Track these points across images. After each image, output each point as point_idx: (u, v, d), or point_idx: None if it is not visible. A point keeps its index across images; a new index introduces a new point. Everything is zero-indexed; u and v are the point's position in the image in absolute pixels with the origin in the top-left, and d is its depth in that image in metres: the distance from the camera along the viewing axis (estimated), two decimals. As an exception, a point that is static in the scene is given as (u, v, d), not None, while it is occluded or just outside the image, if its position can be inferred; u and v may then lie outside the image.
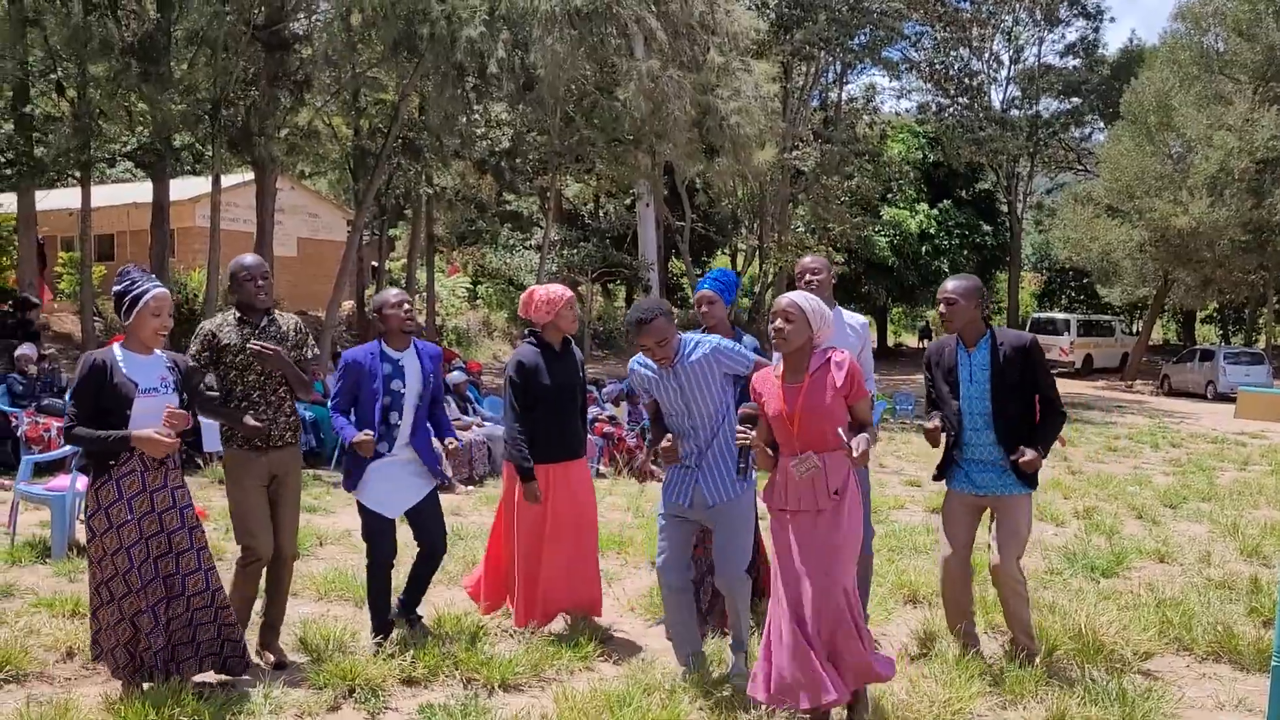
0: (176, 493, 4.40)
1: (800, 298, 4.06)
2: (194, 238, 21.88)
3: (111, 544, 4.20)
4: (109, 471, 4.22)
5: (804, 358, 4.03)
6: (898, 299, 40.12)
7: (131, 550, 4.21)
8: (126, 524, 4.21)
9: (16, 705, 4.11)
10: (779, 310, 4.04)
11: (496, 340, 25.98)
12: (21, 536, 7.12)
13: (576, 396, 5.36)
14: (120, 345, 4.37)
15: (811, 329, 4.01)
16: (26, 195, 14.93)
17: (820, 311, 4.04)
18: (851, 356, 4.05)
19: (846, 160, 27.93)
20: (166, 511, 4.34)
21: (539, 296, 5.29)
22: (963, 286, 4.75)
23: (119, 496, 4.22)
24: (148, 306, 4.27)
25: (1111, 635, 5.16)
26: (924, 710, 4.18)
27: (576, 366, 5.38)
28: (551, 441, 5.25)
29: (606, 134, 20.92)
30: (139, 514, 4.24)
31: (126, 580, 4.21)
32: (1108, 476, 11.99)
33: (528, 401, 5.22)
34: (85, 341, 15.72)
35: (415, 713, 4.29)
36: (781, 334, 4.01)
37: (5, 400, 10.27)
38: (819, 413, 3.92)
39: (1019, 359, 4.69)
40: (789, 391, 4.00)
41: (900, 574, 6.66)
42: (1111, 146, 29.84)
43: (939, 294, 4.84)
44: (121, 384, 4.20)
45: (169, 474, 4.38)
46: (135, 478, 4.25)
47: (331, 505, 9.02)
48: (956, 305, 4.73)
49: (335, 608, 5.85)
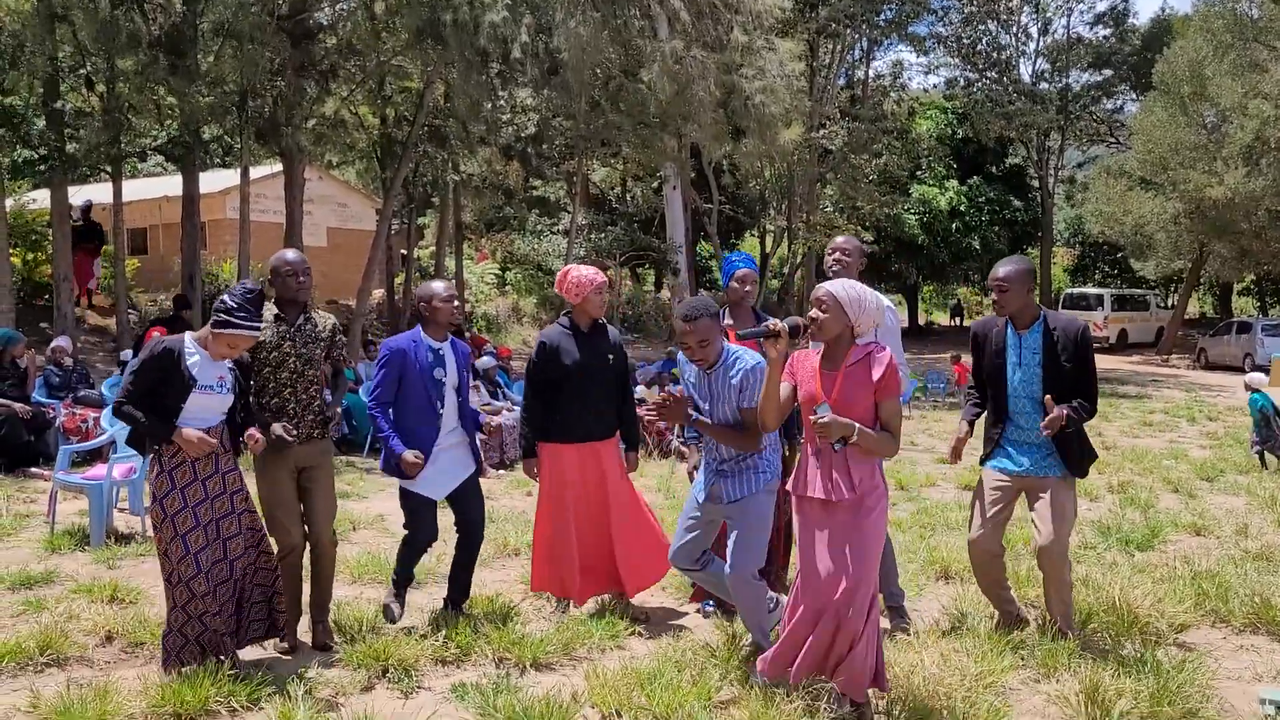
0: (228, 477, 4.51)
1: (838, 287, 3.98)
2: (225, 230, 22.01)
3: (168, 533, 4.30)
4: (160, 463, 4.30)
5: (842, 347, 3.98)
6: (928, 277, 39.83)
7: (187, 538, 4.31)
8: (180, 513, 4.31)
9: (57, 688, 4.19)
10: (815, 299, 4.01)
11: (526, 326, 26.03)
12: (61, 525, 7.24)
13: (606, 378, 5.35)
14: (193, 338, 4.44)
15: (849, 318, 3.94)
16: (59, 190, 15.09)
17: (860, 301, 3.94)
18: (894, 355, 3.97)
19: (874, 138, 27.68)
20: (218, 498, 4.45)
21: (571, 278, 5.32)
22: (1014, 271, 4.69)
23: (172, 487, 4.33)
24: (225, 338, 4.35)
25: (1146, 608, 5.12)
26: (955, 684, 4.17)
27: (608, 349, 5.37)
28: (578, 421, 5.28)
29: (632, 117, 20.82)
30: (192, 502, 4.34)
31: (179, 569, 4.31)
32: (1143, 450, 11.87)
33: (549, 380, 5.24)
34: (120, 335, 15.90)
35: (448, 692, 4.33)
36: (816, 323, 3.98)
37: (43, 392, 10.42)
38: (850, 405, 3.88)
39: (1072, 346, 4.63)
40: (825, 378, 3.97)
41: (932, 550, 6.64)
42: (1144, 118, 29.37)
43: (990, 280, 4.79)
44: (184, 375, 4.31)
45: (219, 459, 4.48)
46: (187, 467, 4.36)
47: (365, 491, 9.10)
48: (1009, 292, 4.70)
49: (369, 590, 5.91)
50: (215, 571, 4.41)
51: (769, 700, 3.90)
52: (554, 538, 5.41)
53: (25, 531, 7.30)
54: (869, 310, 3.96)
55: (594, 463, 5.35)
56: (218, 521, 4.44)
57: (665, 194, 26.29)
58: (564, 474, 5.32)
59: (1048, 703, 4.21)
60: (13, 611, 5.37)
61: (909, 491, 9.34)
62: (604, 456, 5.39)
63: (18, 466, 9.42)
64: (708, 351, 4.50)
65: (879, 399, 3.91)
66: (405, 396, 5.01)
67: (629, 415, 5.51)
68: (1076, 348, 4.63)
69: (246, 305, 4.35)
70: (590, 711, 4.09)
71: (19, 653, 4.61)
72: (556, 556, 5.43)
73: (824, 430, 3.81)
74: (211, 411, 4.41)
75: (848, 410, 3.88)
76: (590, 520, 5.36)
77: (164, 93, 15.21)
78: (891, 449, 3.94)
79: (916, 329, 40.36)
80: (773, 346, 3.98)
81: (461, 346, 5.25)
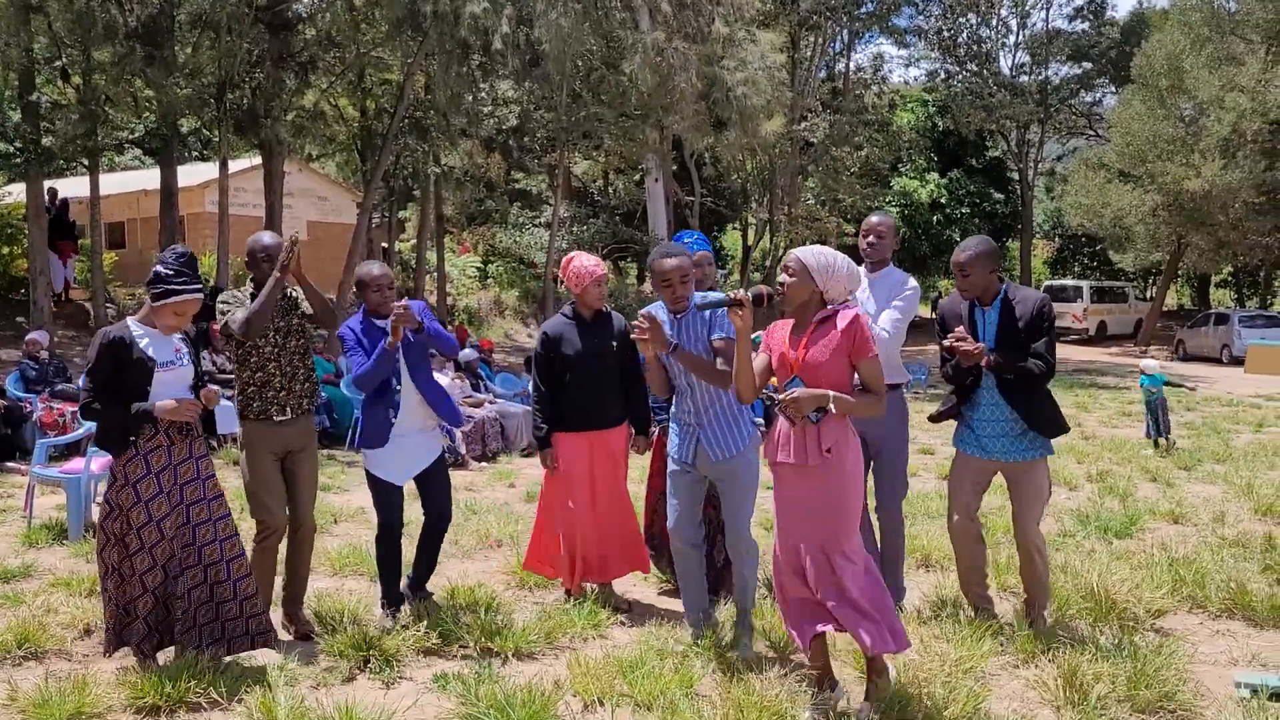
0: (200, 463, 4.45)
1: (806, 252, 3.95)
2: (204, 223, 21.87)
3: (139, 518, 4.24)
4: (135, 446, 4.25)
5: (809, 311, 3.96)
6: (910, 269, 39.83)
7: (163, 524, 4.26)
8: (156, 498, 4.26)
9: (36, 681, 4.16)
10: (783, 265, 4.00)
11: (508, 319, 25.96)
12: (38, 519, 7.19)
13: (610, 366, 5.32)
14: (136, 320, 4.38)
15: (816, 283, 3.92)
16: (35, 184, 14.95)
17: (830, 267, 3.90)
18: (861, 313, 3.92)
19: (855, 130, 27.76)
20: (190, 483, 4.39)
21: (572, 267, 5.31)
22: (974, 255, 4.68)
23: (147, 471, 4.26)
24: (170, 306, 4.30)
25: (1124, 594, 5.16)
26: (935, 669, 4.19)
27: (611, 335, 5.35)
28: (588, 409, 5.29)
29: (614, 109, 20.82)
30: (165, 487, 4.29)
31: (153, 553, 4.25)
32: (1121, 440, 11.95)
33: (554, 371, 5.27)
34: (98, 327, 15.79)
35: (430, 682, 4.33)
36: (782, 287, 3.97)
37: (19, 386, 10.34)
38: (819, 369, 3.85)
39: (1029, 316, 4.64)
40: (794, 344, 3.95)
41: (913, 539, 6.65)
42: (1122, 110, 29.52)
43: (953, 264, 4.80)
44: (140, 359, 4.24)
45: (193, 444, 4.43)
46: (162, 452, 4.30)
47: (346, 484, 9.07)
48: (971, 275, 4.70)
49: (350, 582, 5.89)
50: (181, 558, 4.33)
51: (749, 689, 3.91)
52: (554, 524, 5.42)
53: (2, 527, 7.25)
54: (839, 275, 3.93)
55: (601, 451, 5.35)
56: (189, 507, 4.36)
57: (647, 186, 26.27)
58: (570, 462, 5.31)
59: (1026, 687, 4.24)
60: (-10, 605, 5.33)
61: (890, 481, 9.35)
62: (611, 445, 5.40)
63: (-5, 461, 9.35)
64: (688, 288, 4.52)
65: (854, 360, 3.86)
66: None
67: (639, 399, 5.49)
68: (1033, 319, 4.63)
69: (183, 269, 4.31)
70: (572, 700, 4.10)
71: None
72: (553, 541, 5.44)
73: (794, 405, 3.80)
74: (178, 387, 4.34)
75: (816, 373, 3.85)
76: (594, 508, 5.36)
77: (141, 84, 15.10)
78: (877, 409, 3.90)
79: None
80: (736, 316, 3.91)
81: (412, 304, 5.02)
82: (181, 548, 4.34)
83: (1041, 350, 4.61)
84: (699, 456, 4.58)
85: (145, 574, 4.26)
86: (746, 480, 4.57)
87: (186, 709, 4.01)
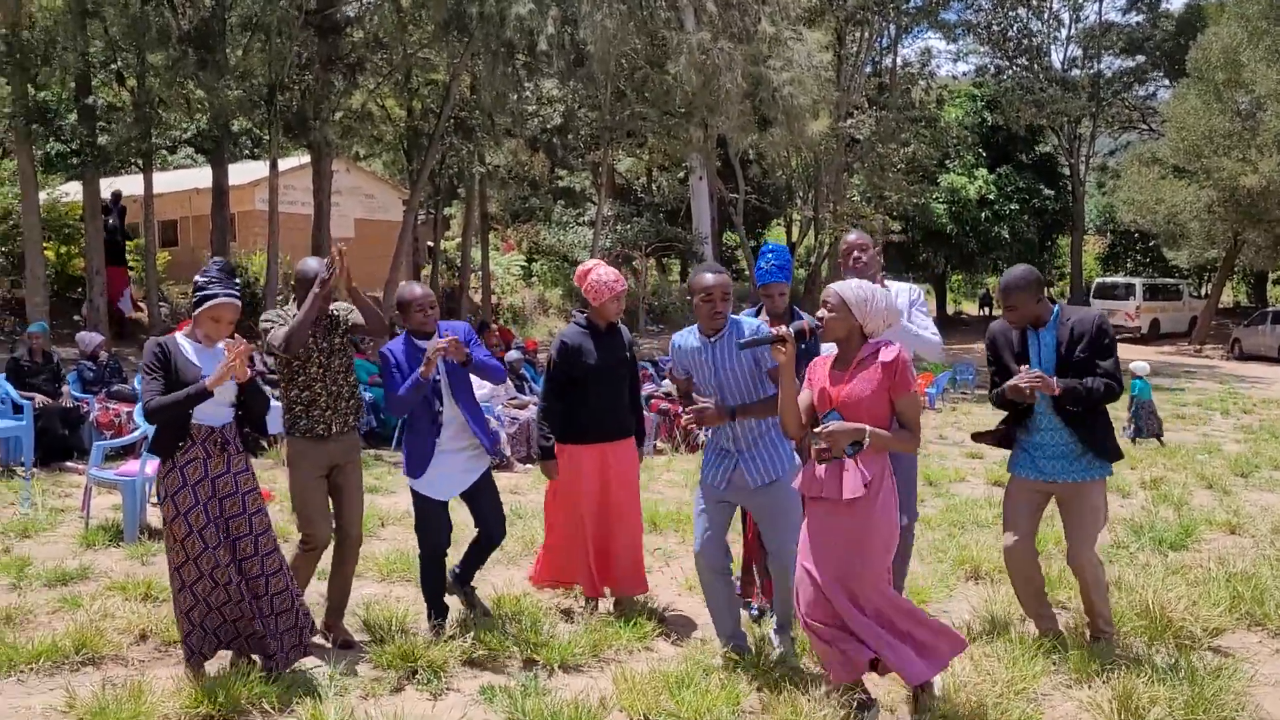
0: (239, 477, 4.48)
1: (845, 287, 3.96)
2: (254, 221, 22.18)
3: (180, 530, 4.30)
4: (173, 460, 4.31)
5: (852, 348, 3.96)
6: (957, 266, 39.54)
7: (204, 533, 4.32)
8: (193, 509, 4.31)
9: (93, 688, 4.24)
10: (823, 300, 3.99)
11: (552, 317, 26.05)
12: (95, 520, 7.33)
13: (624, 375, 5.35)
14: (183, 334, 4.46)
15: (855, 319, 3.92)
16: (92, 184, 15.27)
17: (869, 300, 3.91)
18: (903, 350, 3.92)
19: (902, 127, 27.50)
20: (228, 498, 4.42)
21: (591, 278, 5.27)
22: (1016, 285, 4.60)
23: (184, 483, 4.31)
24: (207, 312, 4.38)
25: (1180, 611, 5.06)
26: (987, 690, 4.13)
27: (623, 346, 5.37)
28: (602, 420, 5.29)
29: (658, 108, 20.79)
30: (203, 499, 4.34)
31: (198, 564, 4.32)
32: (1176, 445, 11.74)
33: (572, 381, 5.25)
34: (152, 326, 16.07)
35: (476, 694, 4.35)
36: (823, 324, 3.98)
37: (77, 387, 10.54)
38: (860, 405, 3.85)
39: (1087, 336, 4.57)
40: (834, 379, 3.95)
41: (961, 549, 6.59)
42: (1177, 104, 28.97)
43: (997, 295, 4.77)
44: (185, 368, 4.30)
45: (231, 458, 4.45)
46: (198, 464, 4.34)
47: (393, 485, 9.14)
48: (1018, 309, 4.64)
49: (397, 589, 5.94)
50: (221, 574, 4.38)
51: (797, 708, 3.89)
52: (565, 536, 5.43)
53: (61, 526, 7.39)
54: (878, 310, 3.92)
55: (614, 462, 5.35)
56: (228, 521, 4.41)
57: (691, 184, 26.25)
58: (583, 474, 5.31)
59: (1080, 709, 4.17)
60: (49, 608, 5.44)
61: (937, 487, 9.27)
62: (623, 455, 5.40)
63: (53, 460, 9.54)
64: (728, 306, 4.51)
65: (893, 395, 3.86)
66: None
67: (638, 409, 5.56)
68: (1094, 337, 4.55)
69: (220, 276, 4.40)
70: (618, 715, 4.09)
71: (55, 651, 4.66)
72: (567, 552, 5.45)
73: (829, 440, 3.80)
74: (220, 402, 4.40)
75: (856, 409, 3.85)
76: (603, 520, 5.36)
77: (193, 87, 15.33)
78: (911, 444, 3.91)
79: (945, 319, 40.08)
80: (779, 352, 3.93)
81: (453, 328, 5.09)
82: (224, 560, 4.40)
83: (1111, 369, 4.54)
84: (735, 481, 4.54)
85: (194, 584, 4.33)
86: (789, 504, 4.50)
87: (239, 716, 4.07)
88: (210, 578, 4.34)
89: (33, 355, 10.02)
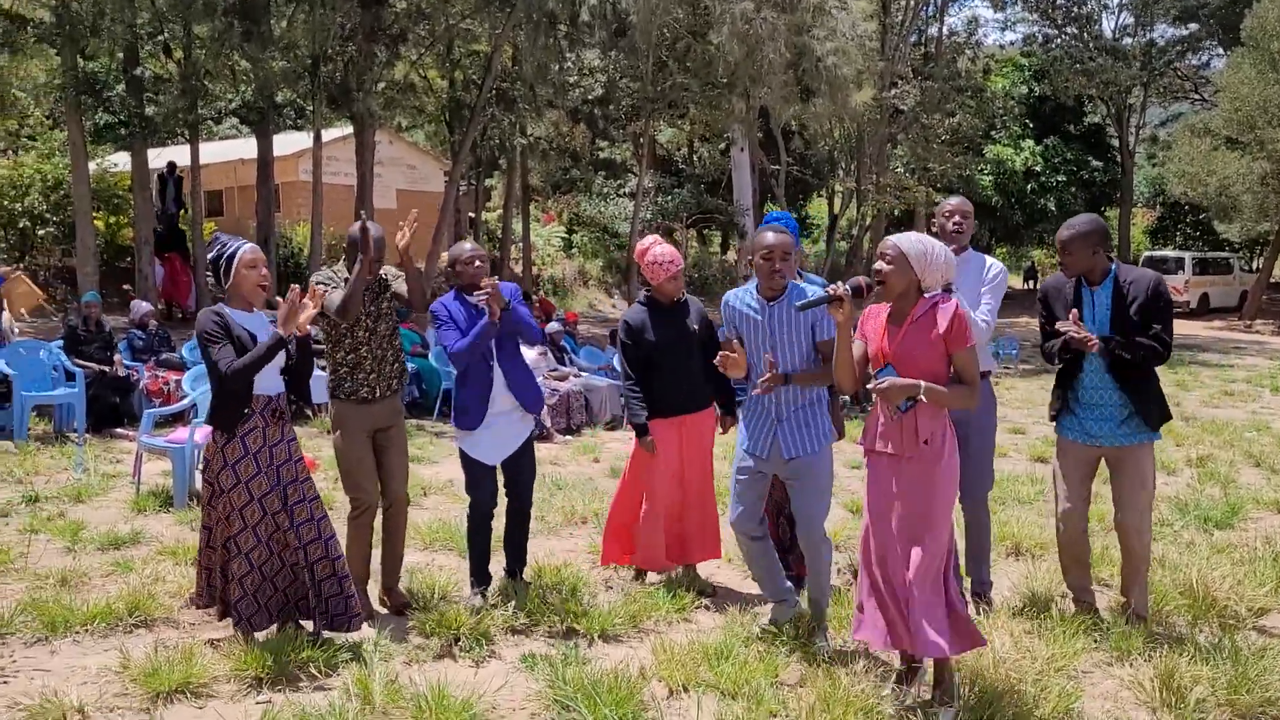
0: (291, 445, 4.58)
1: (903, 239, 3.87)
2: (298, 192, 22.37)
3: (240, 499, 4.39)
4: (233, 430, 4.39)
5: (909, 302, 3.90)
6: (1001, 239, 38.98)
7: (263, 501, 4.42)
8: (255, 478, 4.41)
9: (145, 649, 4.35)
10: (880, 252, 3.90)
11: (592, 289, 26.10)
12: (146, 486, 7.49)
13: (692, 350, 5.34)
14: (225, 307, 4.50)
15: (914, 272, 3.84)
16: (140, 154, 15.49)
17: (927, 254, 3.82)
18: (961, 303, 3.86)
19: (947, 97, 27.09)
20: (284, 464, 4.52)
21: (649, 256, 5.31)
22: (1075, 234, 4.54)
23: (245, 452, 4.41)
24: (242, 260, 4.44)
25: (1225, 591, 5.02)
26: (1028, 667, 4.13)
27: (689, 320, 5.37)
28: (674, 395, 5.32)
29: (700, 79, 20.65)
30: (263, 467, 4.44)
31: (256, 532, 4.42)
32: (1223, 422, 11.56)
33: (640, 359, 5.30)
34: (200, 296, 16.30)
35: (518, 661, 4.41)
36: (880, 276, 3.87)
37: (126, 355, 10.74)
38: (915, 360, 3.80)
39: (1143, 296, 4.50)
40: (890, 334, 3.89)
41: (1002, 525, 6.56)
42: (1231, 74, 28.25)
43: (1056, 240, 4.67)
44: (240, 336, 4.38)
45: (285, 427, 4.56)
46: (258, 433, 4.43)
47: (435, 455, 9.25)
48: (1072, 255, 4.55)
49: (440, 557, 6.03)
50: (283, 537, 4.49)
51: (835, 681, 3.91)
52: (633, 512, 5.47)
53: (113, 492, 7.56)
54: (936, 263, 3.84)
55: (689, 435, 5.39)
56: (285, 487, 4.50)
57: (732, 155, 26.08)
58: (659, 448, 5.33)
59: (1121, 687, 4.16)
60: (103, 571, 5.59)
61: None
62: (698, 428, 5.43)
63: (104, 427, 9.75)
64: (789, 266, 4.46)
65: (951, 350, 3.80)
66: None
67: (724, 380, 5.45)
68: (1149, 299, 4.49)
69: (219, 239, 4.50)
70: (657, 685, 4.14)
71: (109, 614, 4.79)
72: (633, 530, 5.48)
73: (883, 394, 3.76)
74: (271, 368, 4.46)
75: (912, 365, 3.79)
76: (680, 492, 5.41)
77: (238, 58, 15.44)
78: (969, 401, 3.82)
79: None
80: (838, 311, 3.84)
81: (506, 287, 5.12)
82: (282, 527, 4.49)
83: (1160, 332, 4.48)
84: (773, 451, 4.52)
85: (250, 551, 4.42)
86: (822, 478, 4.52)
87: (286, 681, 4.16)
88: (267, 545, 4.44)
89: (87, 324, 10.22)
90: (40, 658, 4.42)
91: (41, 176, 16.47)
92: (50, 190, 16.38)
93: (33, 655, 4.45)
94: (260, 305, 4.58)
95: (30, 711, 3.82)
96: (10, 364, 9.63)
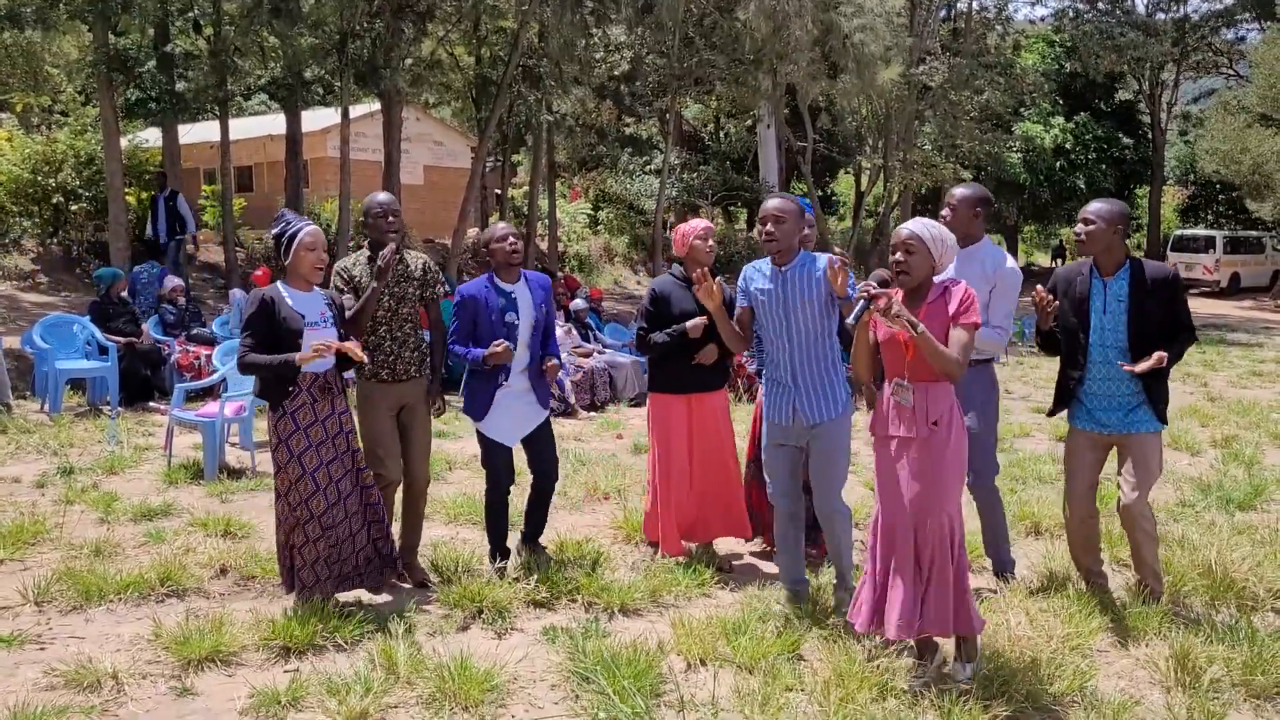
0: (342, 418, 4.74)
1: (920, 226, 3.92)
2: (326, 168, 22.48)
3: (295, 472, 4.54)
4: (283, 406, 4.51)
5: (925, 286, 3.97)
6: (1030, 217, 38.67)
7: (316, 475, 4.57)
8: (306, 451, 4.56)
9: (177, 618, 4.47)
10: (900, 242, 3.93)
11: (618, 266, 26.11)
12: (177, 459, 7.63)
13: (713, 332, 5.35)
14: (282, 283, 4.65)
15: (934, 258, 3.92)
16: (170, 131, 15.63)
17: (941, 239, 3.93)
18: (968, 287, 3.92)
19: (976, 74, 26.79)
20: (336, 436, 4.68)
21: (678, 231, 5.45)
22: (1105, 209, 4.57)
23: (296, 428, 4.55)
24: (302, 243, 4.58)
25: (1244, 572, 5.03)
26: (1043, 645, 4.17)
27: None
28: (691, 371, 5.39)
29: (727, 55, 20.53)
30: (315, 441, 4.58)
31: (310, 505, 4.55)
32: (1250, 403, 11.47)
33: (659, 328, 5.39)
34: (229, 271, 16.46)
35: (539, 634, 4.50)
36: (904, 266, 3.92)
37: (158, 330, 10.90)
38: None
39: (1161, 292, 4.51)
40: None
41: (1022, 504, 6.58)
42: (1266, 49, 27.81)
43: (1080, 214, 4.67)
44: (289, 317, 4.51)
45: (335, 400, 4.70)
46: (307, 409, 4.58)
47: (460, 430, 9.34)
48: (1095, 227, 4.55)
49: (464, 531, 6.12)
50: (336, 511, 4.64)
51: (851, 657, 3.97)
52: (660, 488, 5.53)
53: (145, 464, 7.71)
54: (949, 246, 3.96)
55: (702, 413, 5.45)
56: (339, 457, 4.67)
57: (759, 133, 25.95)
58: (673, 425, 5.42)
59: (1136, 666, 4.19)
60: (136, 542, 5.72)
61: (1001, 443, 9.13)
62: (712, 406, 5.49)
63: (136, 400, 9.92)
64: (781, 229, 4.48)
65: (952, 321, 3.88)
66: (478, 341, 5.08)
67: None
68: (1165, 290, 4.51)
69: (285, 217, 4.67)
70: (675, 659, 4.21)
71: (141, 583, 4.92)
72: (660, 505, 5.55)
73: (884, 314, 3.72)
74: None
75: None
76: (693, 469, 5.47)
77: (267, 35, 15.52)
78: (950, 366, 3.80)
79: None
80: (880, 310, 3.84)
81: (538, 279, 5.27)
82: (346, 490, 4.67)
83: (1187, 321, 4.55)
84: (795, 419, 4.55)
85: (307, 524, 4.56)
86: (839, 445, 4.55)
87: (313, 650, 4.27)
88: (319, 522, 4.56)
89: (110, 297, 10.38)
90: (76, 625, 4.55)
91: (75, 152, 16.64)
92: (83, 166, 16.54)
93: (68, 623, 4.58)
94: (317, 283, 4.70)
95: (66, 677, 3.94)
96: (44, 337, 9.80)
